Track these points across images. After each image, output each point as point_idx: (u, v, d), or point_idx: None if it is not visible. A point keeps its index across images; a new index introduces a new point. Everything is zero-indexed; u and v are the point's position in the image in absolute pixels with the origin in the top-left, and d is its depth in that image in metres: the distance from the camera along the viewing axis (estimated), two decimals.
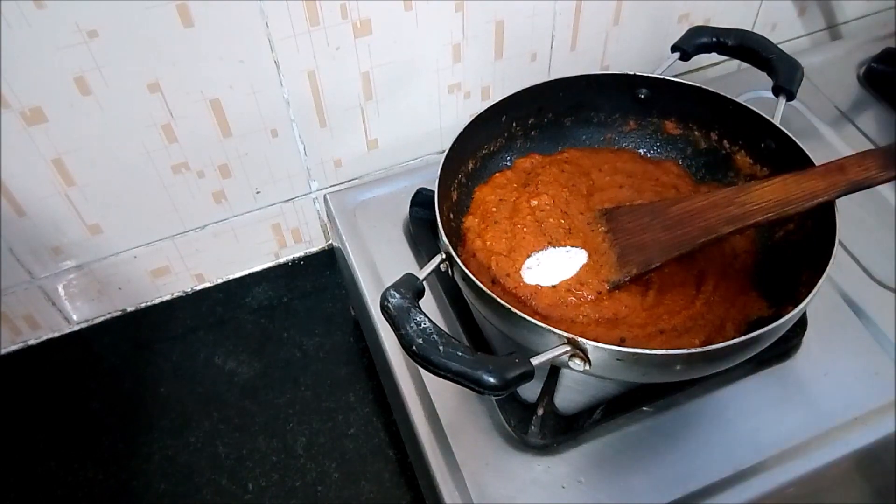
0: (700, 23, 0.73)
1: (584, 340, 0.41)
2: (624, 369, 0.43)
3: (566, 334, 0.41)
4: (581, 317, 0.50)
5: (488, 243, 0.54)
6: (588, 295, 0.51)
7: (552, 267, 0.53)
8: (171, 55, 0.54)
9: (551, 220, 0.55)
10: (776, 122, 0.54)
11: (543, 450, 0.49)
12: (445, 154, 0.52)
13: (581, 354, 0.42)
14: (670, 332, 0.49)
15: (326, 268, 0.75)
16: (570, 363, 0.43)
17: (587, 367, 0.42)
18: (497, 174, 0.59)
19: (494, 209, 0.56)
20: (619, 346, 0.41)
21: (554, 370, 0.50)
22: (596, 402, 0.51)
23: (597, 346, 0.41)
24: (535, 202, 0.55)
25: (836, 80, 0.74)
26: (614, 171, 0.60)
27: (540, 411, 0.49)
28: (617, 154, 0.61)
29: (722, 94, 0.56)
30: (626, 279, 0.51)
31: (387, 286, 0.42)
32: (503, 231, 0.55)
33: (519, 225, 0.55)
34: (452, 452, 0.50)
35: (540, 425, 0.49)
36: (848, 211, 0.48)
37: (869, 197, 0.62)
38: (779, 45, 0.58)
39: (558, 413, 0.50)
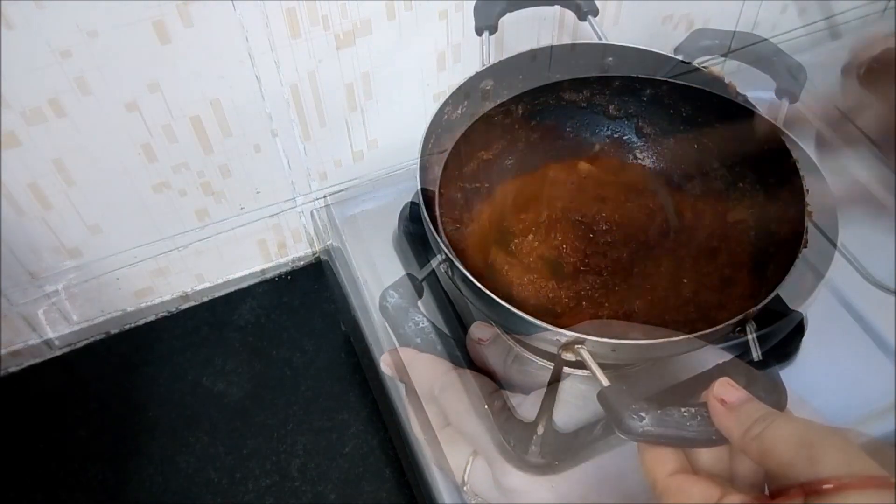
0: (700, 24, 0.73)
1: (584, 336, 0.41)
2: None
3: (567, 332, 0.41)
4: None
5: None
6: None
7: None
8: (149, 74, 0.52)
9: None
10: (779, 124, 0.53)
11: (544, 469, 0.48)
12: (447, 154, 0.51)
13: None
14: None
15: (314, 282, 0.74)
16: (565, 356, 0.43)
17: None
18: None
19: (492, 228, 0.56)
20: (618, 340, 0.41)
21: (553, 385, 0.49)
22: (596, 417, 0.50)
23: (597, 341, 0.41)
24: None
25: (835, 80, 0.73)
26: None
27: (540, 430, 0.47)
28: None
29: (724, 95, 0.56)
30: None
31: (386, 286, 0.42)
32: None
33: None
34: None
35: (540, 445, 0.48)
36: (847, 212, 0.48)
37: (868, 197, 0.62)
38: (778, 46, 0.57)
39: (558, 431, 0.49)
